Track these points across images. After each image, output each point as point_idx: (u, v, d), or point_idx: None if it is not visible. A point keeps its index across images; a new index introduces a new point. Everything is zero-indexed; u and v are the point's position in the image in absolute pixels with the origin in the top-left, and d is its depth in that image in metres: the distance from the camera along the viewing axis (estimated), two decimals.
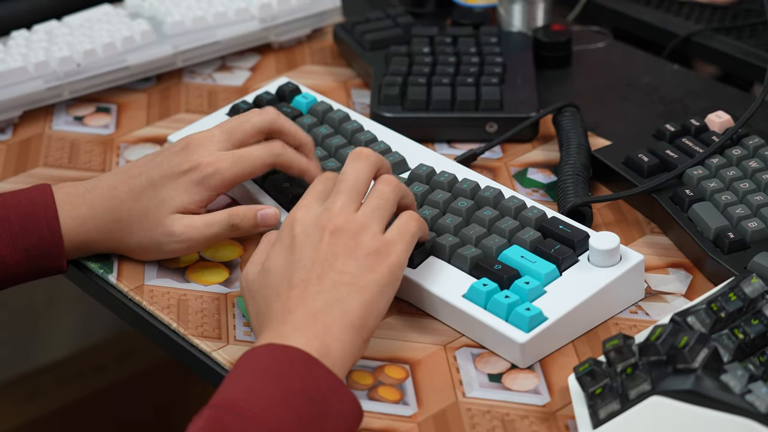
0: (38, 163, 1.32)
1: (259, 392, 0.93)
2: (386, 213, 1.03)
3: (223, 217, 1.13)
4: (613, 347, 0.97)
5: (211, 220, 1.13)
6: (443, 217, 1.13)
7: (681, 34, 1.47)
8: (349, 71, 1.45)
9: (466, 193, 1.15)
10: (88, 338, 2.03)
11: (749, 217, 1.12)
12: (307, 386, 0.94)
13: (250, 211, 1.14)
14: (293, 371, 0.95)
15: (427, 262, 1.10)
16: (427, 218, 1.13)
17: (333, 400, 0.95)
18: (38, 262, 1.14)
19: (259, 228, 1.14)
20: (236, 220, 1.14)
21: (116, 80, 1.41)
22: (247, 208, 1.14)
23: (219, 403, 0.93)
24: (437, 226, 1.12)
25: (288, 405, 0.93)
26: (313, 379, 0.95)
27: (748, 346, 0.97)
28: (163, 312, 1.12)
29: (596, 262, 1.08)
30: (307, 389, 0.94)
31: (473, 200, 1.15)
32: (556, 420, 1.00)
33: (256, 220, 1.14)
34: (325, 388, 0.95)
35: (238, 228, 1.14)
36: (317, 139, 1.25)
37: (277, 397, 0.93)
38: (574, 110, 1.29)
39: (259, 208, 1.14)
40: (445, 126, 1.31)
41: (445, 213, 1.14)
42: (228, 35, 1.45)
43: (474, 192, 1.15)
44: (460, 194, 1.15)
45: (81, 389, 1.99)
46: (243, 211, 1.14)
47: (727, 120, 1.24)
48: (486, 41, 1.40)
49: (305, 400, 0.93)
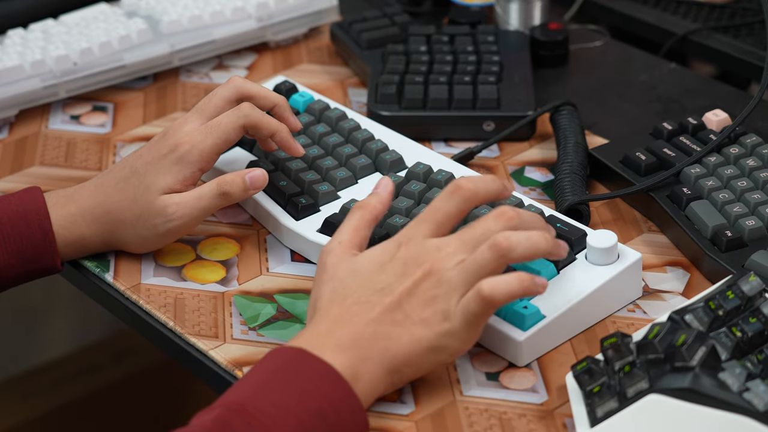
0: (34, 162, 1.32)
1: (276, 402, 0.93)
2: (478, 278, 0.99)
3: (212, 187, 1.13)
4: (610, 345, 0.97)
5: (200, 193, 1.13)
6: None
7: (678, 33, 1.47)
8: (345, 70, 1.45)
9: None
10: (85, 338, 2.03)
11: (747, 215, 1.12)
12: (326, 406, 0.94)
13: (238, 176, 1.14)
14: (314, 387, 0.94)
15: None
16: None
17: (349, 425, 0.94)
18: (32, 263, 1.14)
19: (249, 191, 1.14)
20: (226, 188, 1.13)
21: (113, 79, 1.41)
22: (235, 174, 1.14)
23: (232, 405, 0.92)
24: None
25: (302, 424, 0.92)
26: (335, 399, 0.94)
27: (746, 344, 0.97)
28: (160, 311, 1.12)
29: (594, 261, 1.08)
30: (325, 409, 0.94)
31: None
32: (553, 418, 1.00)
33: (245, 183, 1.13)
34: (345, 411, 0.94)
35: (229, 195, 1.13)
36: (314, 138, 1.24)
37: (292, 413, 0.92)
38: (572, 109, 1.29)
39: (246, 171, 1.14)
40: (443, 124, 1.31)
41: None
42: (225, 34, 1.44)
43: None
44: None
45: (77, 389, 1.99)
46: (231, 178, 1.14)
47: (725, 118, 1.24)
48: (483, 40, 1.40)
49: (320, 422, 0.93)
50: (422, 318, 0.98)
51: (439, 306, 0.98)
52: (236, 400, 0.93)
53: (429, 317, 0.98)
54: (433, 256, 0.99)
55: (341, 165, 1.22)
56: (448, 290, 0.98)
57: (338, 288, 1.00)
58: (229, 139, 1.14)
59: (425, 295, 0.98)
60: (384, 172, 1.21)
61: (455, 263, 0.99)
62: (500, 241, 0.98)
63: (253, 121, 1.14)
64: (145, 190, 1.13)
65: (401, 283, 0.99)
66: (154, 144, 1.15)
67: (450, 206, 1.01)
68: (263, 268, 1.16)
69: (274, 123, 1.16)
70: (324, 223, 1.15)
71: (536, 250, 0.99)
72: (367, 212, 1.04)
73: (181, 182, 1.13)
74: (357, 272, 1.00)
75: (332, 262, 1.02)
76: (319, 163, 1.21)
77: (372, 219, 1.04)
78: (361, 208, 1.04)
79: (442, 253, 0.99)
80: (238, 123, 1.14)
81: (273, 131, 1.16)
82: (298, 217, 1.17)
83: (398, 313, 0.98)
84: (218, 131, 1.14)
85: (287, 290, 1.14)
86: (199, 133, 1.14)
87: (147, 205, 1.13)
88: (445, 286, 0.98)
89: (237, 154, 1.26)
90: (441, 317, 0.98)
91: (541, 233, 1.00)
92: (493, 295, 0.97)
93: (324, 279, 1.01)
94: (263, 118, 1.15)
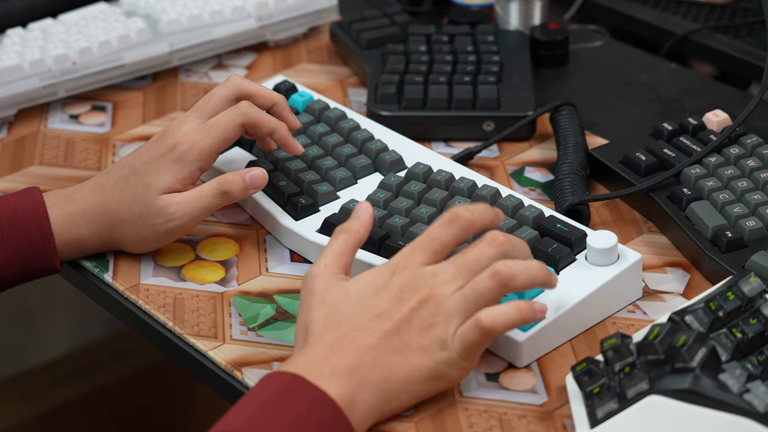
0: (33, 162, 1.32)
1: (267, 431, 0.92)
2: (477, 309, 0.98)
3: (213, 186, 1.13)
4: (610, 346, 0.96)
5: (201, 192, 1.13)
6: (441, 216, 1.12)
7: (678, 33, 1.47)
8: (345, 70, 1.44)
9: (463, 191, 1.15)
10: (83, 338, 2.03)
11: (747, 216, 1.12)
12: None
13: (238, 176, 1.13)
14: (309, 415, 0.93)
15: None
16: (424, 216, 1.13)
17: None
18: (31, 263, 1.13)
19: (249, 191, 1.14)
20: (226, 187, 1.13)
21: (112, 78, 1.41)
22: (235, 173, 1.14)
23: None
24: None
25: None
26: (329, 429, 0.93)
27: (746, 345, 0.97)
28: (159, 311, 1.12)
29: (594, 261, 1.08)
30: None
31: (470, 199, 1.14)
32: (553, 419, 1.00)
33: (246, 182, 1.13)
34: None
35: (230, 194, 1.13)
36: (314, 138, 1.24)
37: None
38: (572, 109, 1.29)
39: (246, 171, 1.14)
40: (442, 124, 1.31)
41: (442, 211, 1.13)
42: (224, 33, 1.44)
43: (471, 191, 1.15)
44: (457, 193, 1.15)
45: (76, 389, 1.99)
46: (231, 177, 1.13)
47: (725, 119, 1.24)
48: (483, 40, 1.40)
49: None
50: (421, 346, 0.97)
51: (437, 334, 0.97)
52: (230, 430, 0.92)
53: (427, 345, 0.97)
54: (430, 283, 0.98)
55: (341, 165, 1.21)
56: (446, 318, 0.98)
57: (331, 313, 0.99)
58: (228, 137, 1.14)
59: (424, 323, 0.97)
60: (384, 172, 1.21)
61: (453, 290, 0.98)
62: (502, 270, 0.98)
63: (252, 120, 1.14)
64: (144, 190, 1.13)
65: (398, 310, 0.98)
66: (153, 143, 1.15)
67: (447, 235, 1.00)
68: (263, 269, 1.16)
69: (273, 121, 1.16)
70: (323, 224, 1.15)
71: (534, 281, 0.99)
72: (351, 236, 1.03)
73: (181, 181, 1.13)
74: (349, 297, 0.99)
75: (321, 286, 1.00)
76: (319, 163, 1.21)
77: (355, 243, 1.03)
78: (344, 232, 1.03)
79: (438, 280, 0.98)
80: (237, 121, 1.14)
81: (272, 129, 1.15)
82: (298, 217, 1.17)
83: (396, 340, 0.97)
84: (217, 130, 1.14)
85: (287, 290, 1.14)
86: (198, 132, 1.14)
87: (147, 204, 1.13)
88: (443, 314, 0.98)
89: (236, 154, 1.25)
90: (439, 345, 0.97)
91: (538, 264, 1.00)
92: (493, 326, 0.97)
93: (314, 304, 1.00)
94: (262, 117, 1.15)
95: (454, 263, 0.99)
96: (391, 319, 0.97)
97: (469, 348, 0.98)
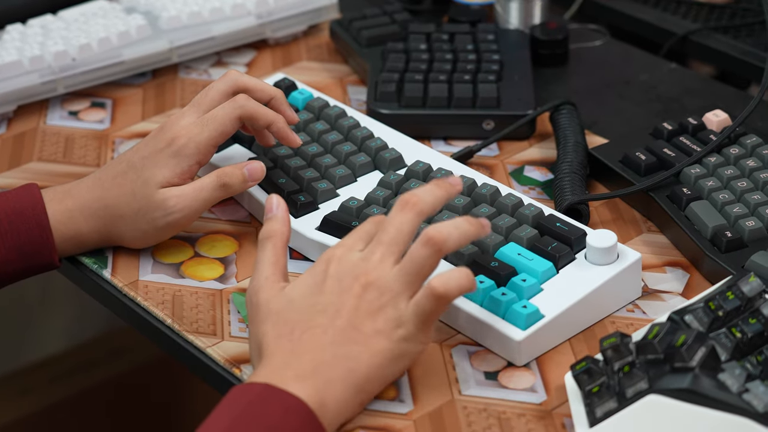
0: (32, 158, 1.32)
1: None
2: (421, 280, 0.99)
3: (212, 179, 1.13)
4: (610, 345, 0.96)
5: (200, 185, 1.13)
6: (440, 214, 1.12)
7: (678, 33, 1.47)
8: (345, 68, 1.44)
9: (462, 190, 1.15)
10: (81, 335, 2.03)
11: (747, 216, 1.12)
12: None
13: (237, 168, 1.14)
14: (283, 423, 0.93)
15: None
16: None
17: None
18: (30, 258, 1.13)
19: (248, 183, 1.14)
20: (225, 179, 1.13)
21: (111, 75, 1.41)
22: (234, 166, 1.14)
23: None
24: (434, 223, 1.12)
25: None
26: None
27: (745, 345, 0.97)
28: (158, 308, 1.12)
29: (593, 260, 1.08)
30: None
31: (470, 197, 1.14)
32: (552, 418, 0.99)
33: (244, 175, 1.14)
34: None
35: (229, 186, 1.13)
36: (313, 135, 1.24)
37: None
38: (572, 108, 1.29)
39: (245, 164, 1.14)
40: (442, 123, 1.31)
41: (441, 210, 1.13)
42: (224, 31, 1.44)
43: (471, 189, 1.15)
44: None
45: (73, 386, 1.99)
46: (230, 169, 1.14)
47: (725, 119, 1.24)
48: (483, 38, 1.40)
49: None
50: (375, 330, 0.97)
51: (389, 314, 0.98)
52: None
53: (382, 327, 0.97)
54: (364, 267, 0.99)
55: (340, 163, 1.21)
56: (392, 296, 0.98)
57: (280, 321, 0.99)
58: (226, 130, 1.14)
59: (372, 307, 0.98)
60: (383, 170, 1.21)
61: (389, 267, 0.98)
62: (433, 235, 0.98)
63: (249, 112, 1.14)
64: (143, 184, 1.13)
65: (343, 301, 0.98)
66: (152, 138, 1.15)
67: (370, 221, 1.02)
68: None
69: (271, 113, 1.15)
70: (323, 221, 1.15)
71: (467, 237, 0.99)
72: (277, 240, 1.03)
73: (179, 175, 1.13)
74: (293, 302, 0.99)
75: (265, 298, 1.00)
76: (318, 160, 1.21)
77: (283, 245, 1.03)
78: (269, 238, 1.03)
79: (372, 262, 0.99)
80: (234, 114, 1.14)
81: (269, 122, 1.15)
82: (297, 214, 1.17)
83: (350, 331, 0.97)
84: (214, 123, 1.14)
85: None
86: (196, 126, 1.14)
87: (146, 198, 1.13)
88: (388, 294, 0.98)
89: (236, 152, 1.25)
90: (394, 324, 0.97)
91: (465, 219, 1.00)
92: (447, 291, 0.97)
93: (261, 318, 1.00)
94: (259, 109, 1.15)
95: (378, 241, 1.00)
96: (339, 312, 0.98)
97: (424, 319, 0.98)
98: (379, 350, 0.97)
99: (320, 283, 0.99)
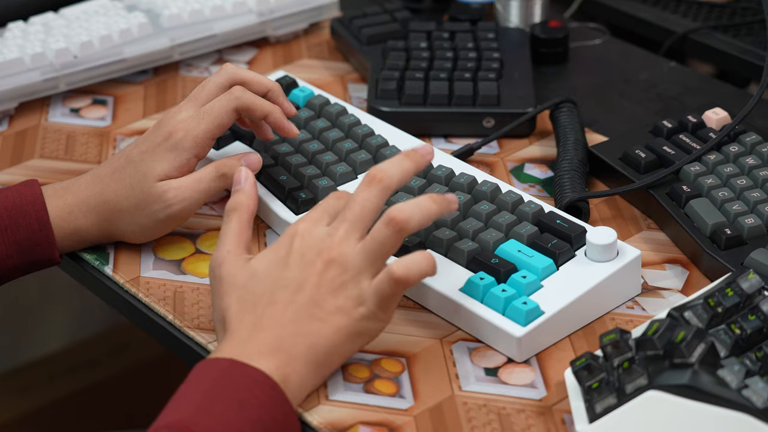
0: (34, 155, 1.32)
1: (218, 417, 0.93)
2: (383, 259, 1.00)
3: (210, 170, 1.14)
4: (610, 341, 0.97)
5: (199, 176, 1.14)
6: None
7: (678, 32, 1.47)
8: (345, 66, 1.45)
9: (463, 187, 1.15)
10: (82, 332, 2.03)
11: (746, 213, 1.12)
12: (264, 414, 0.94)
13: (234, 159, 1.15)
14: (251, 396, 0.94)
15: None
16: None
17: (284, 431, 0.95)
18: (30, 254, 1.14)
19: None
20: (224, 169, 1.14)
21: (113, 72, 1.41)
22: (231, 157, 1.15)
23: (176, 425, 0.92)
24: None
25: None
26: (271, 407, 0.94)
27: (745, 341, 0.97)
28: (159, 304, 1.12)
29: (593, 257, 1.08)
30: (264, 417, 0.94)
31: (470, 194, 1.15)
32: (552, 414, 1.00)
33: (242, 165, 1.14)
34: (280, 418, 0.95)
35: (227, 177, 1.14)
36: (314, 133, 1.25)
37: (234, 427, 0.92)
38: (572, 106, 1.29)
39: (243, 155, 1.15)
40: (442, 121, 1.31)
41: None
42: (225, 29, 1.44)
43: (471, 186, 1.15)
44: (457, 188, 1.15)
45: (74, 383, 1.99)
46: (228, 160, 1.14)
47: (725, 117, 1.24)
48: (483, 37, 1.40)
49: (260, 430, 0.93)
50: (337, 307, 0.99)
51: (350, 292, 0.99)
52: (179, 419, 0.93)
53: (343, 305, 0.99)
54: (328, 243, 1.00)
55: (341, 160, 1.22)
56: (354, 275, 0.99)
57: (243, 295, 1.00)
58: (222, 123, 1.14)
59: (333, 284, 0.99)
60: None
61: (353, 245, 1.00)
62: (396, 215, 0.99)
63: (246, 103, 1.15)
64: (141, 178, 1.13)
65: (306, 277, 0.99)
66: (150, 133, 1.16)
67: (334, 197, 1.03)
68: None
69: (267, 104, 1.16)
70: None
71: (430, 216, 1.00)
72: (243, 212, 1.04)
73: (177, 169, 1.13)
74: (257, 275, 1.00)
75: (228, 272, 1.01)
76: (319, 157, 1.21)
77: (249, 218, 1.04)
78: (234, 210, 1.04)
79: (336, 239, 1.00)
80: (230, 106, 1.14)
81: (266, 112, 1.16)
82: (298, 211, 1.17)
83: (312, 307, 0.99)
84: (211, 116, 1.14)
85: None
86: (193, 119, 1.14)
87: (145, 193, 1.13)
88: (351, 271, 0.99)
89: (236, 149, 1.26)
90: (355, 302, 0.99)
91: (428, 197, 1.01)
92: (407, 276, 0.98)
93: (224, 290, 1.01)
94: (255, 100, 1.15)
95: (343, 218, 1.01)
96: (301, 287, 0.99)
97: (385, 300, 0.99)
98: (339, 327, 0.99)
99: (284, 257, 1.00)
